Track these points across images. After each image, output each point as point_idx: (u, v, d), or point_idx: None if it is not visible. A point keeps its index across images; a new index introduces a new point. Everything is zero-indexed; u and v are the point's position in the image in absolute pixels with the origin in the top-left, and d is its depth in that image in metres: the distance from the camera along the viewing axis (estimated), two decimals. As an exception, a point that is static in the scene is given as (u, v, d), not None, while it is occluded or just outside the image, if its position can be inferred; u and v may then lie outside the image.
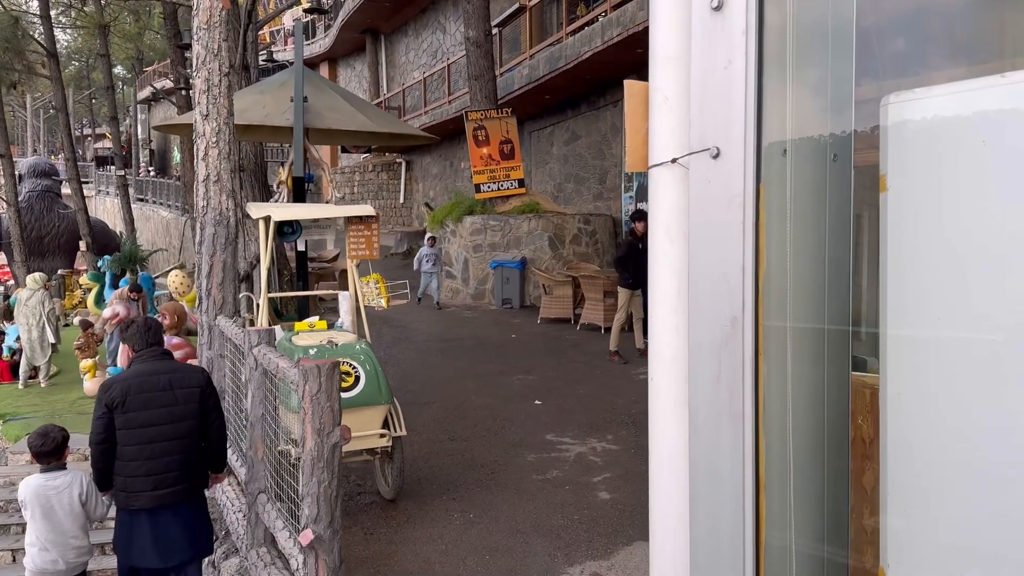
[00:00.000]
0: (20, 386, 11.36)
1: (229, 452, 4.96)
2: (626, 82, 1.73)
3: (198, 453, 4.04)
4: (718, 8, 1.46)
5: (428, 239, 13.26)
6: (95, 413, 4.00)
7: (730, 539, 1.52)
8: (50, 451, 4.18)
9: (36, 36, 18.69)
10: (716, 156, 1.47)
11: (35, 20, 20.34)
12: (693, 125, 1.51)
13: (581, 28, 12.94)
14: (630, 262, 8.65)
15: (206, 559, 4.24)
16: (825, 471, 1.67)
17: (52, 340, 11.32)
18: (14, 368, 11.82)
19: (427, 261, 12.95)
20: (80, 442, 5.70)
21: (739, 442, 1.47)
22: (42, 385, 11.22)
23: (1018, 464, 1.27)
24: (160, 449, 3.91)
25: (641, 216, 9.09)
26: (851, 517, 1.72)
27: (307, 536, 3.10)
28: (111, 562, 5.12)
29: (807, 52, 1.54)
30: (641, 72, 1.74)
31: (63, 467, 4.22)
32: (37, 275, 12.10)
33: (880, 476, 1.51)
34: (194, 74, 5.25)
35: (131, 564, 4.02)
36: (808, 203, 1.55)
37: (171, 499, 3.92)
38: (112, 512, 4.21)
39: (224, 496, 4.99)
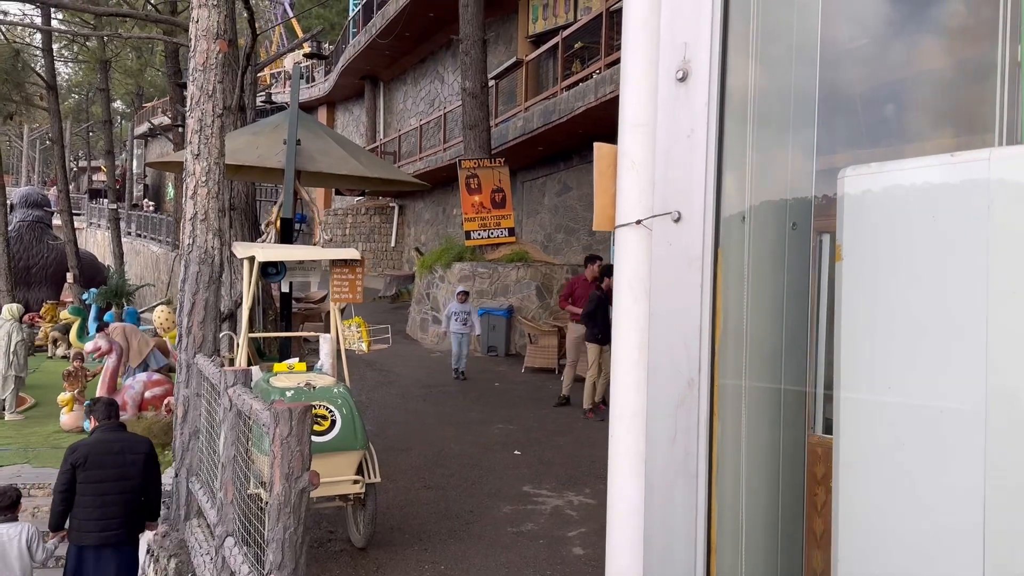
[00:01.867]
0: (-6, 417, 11.21)
1: (200, 493, 4.90)
2: (596, 144, 1.79)
3: (137, 505, 5.24)
4: (683, 79, 1.52)
5: (459, 293, 10.99)
6: (62, 467, 5.16)
7: (682, 599, 1.52)
8: (5, 506, 5.44)
9: (37, 68, 18.90)
10: (677, 220, 1.52)
11: (37, 53, 20.59)
12: (656, 189, 1.56)
13: (575, 84, 13.20)
14: (598, 316, 8.62)
15: None
16: (779, 533, 1.68)
17: (16, 373, 11.20)
18: (-10, 399, 11.68)
19: (456, 320, 10.67)
20: (50, 476, 5.77)
21: (692, 503, 1.49)
22: (5, 418, 11.05)
23: (965, 526, 1.29)
24: (109, 500, 5.10)
25: (608, 272, 9.14)
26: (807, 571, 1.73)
27: (270, 582, 3.06)
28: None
29: (768, 123, 1.60)
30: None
31: (15, 519, 5.48)
32: (13, 306, 12.03)
33: (832, 538, 1.52)
34: (188, 114, 5.33)
35: None
36: (766, 268, 1.59)
37: (114, 539, 5.11)
38: (49, 556, 5.47)
39: (193, 538, 4.92)
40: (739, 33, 1.56)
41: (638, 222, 1.63)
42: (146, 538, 5.58)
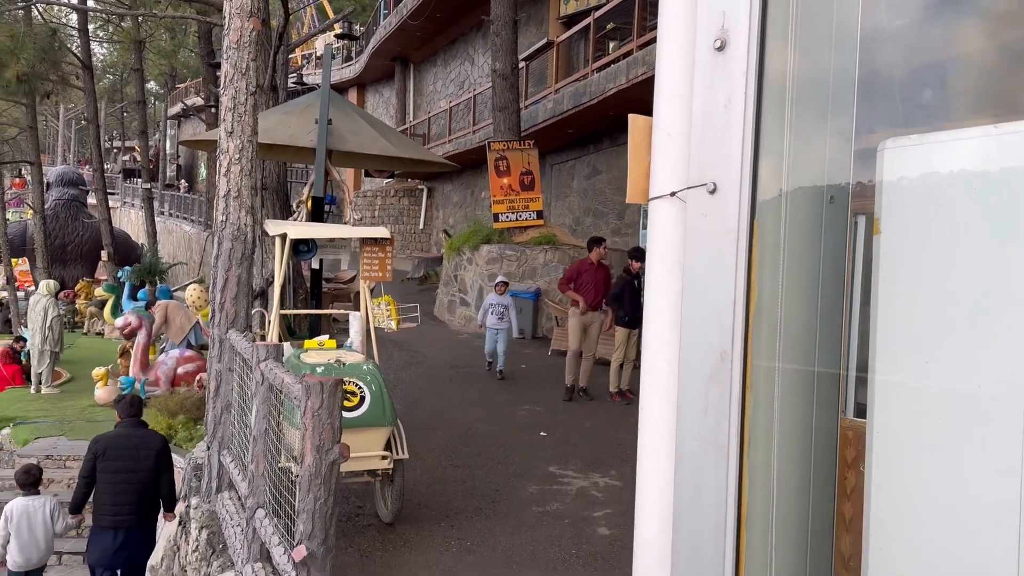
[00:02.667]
0: (32, 391, 11.48)
1: (232, 466, 4.98)
2: (631, 116, 1.77)
3: (149, 496, 5.93)
4: (720, 48, 1.50)
5: (498, 284, 9.92)
6: (86, 457, 5.94)
7: (711, 570, 1.52)
8: (31, 483, 6.44)
9: (73, 48, 19.13)
10: (713, 191, 1.50)
11: (73, 33, 20.83)
12: (692, 160, 1.54)
13: (607, 65, 13.09)
14: (625, 300, 8.60)
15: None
16: (810, 514, 1.67)
17: (52, 348, 11.43)
18: (29, 372, 11.96)
19: (492, 314, 9.67)
20: (85, 449, 6.16)
21: (723, 475, 1.48)
22: (42, 392, 11.30)
23: (1002, 515, 1.27)
24: (121, 489, 5.80)
25: (640, 255, 9.06)
26: (837, 558, 1.71)
27: (300, 552, 3.11)
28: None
29: (807, 94, 1.58)
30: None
31: (38, 493, 6.47)
32: (49, 282, 12.27)
33: (864, 523, 1.51)
34: (222, 92, 5.37)
35: (91, 563, 5.91)
36: (802, 241, 1.57)
37: (125, 524, 5.81)
38: (68, 528, 6.51)
39: (224, 510, 5.01)
40: (779, 1, 1.54)
41: (672, 194, 1.61)
42: (163, 526, 6.30)
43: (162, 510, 6.22)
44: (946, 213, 1.39)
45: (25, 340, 14.68)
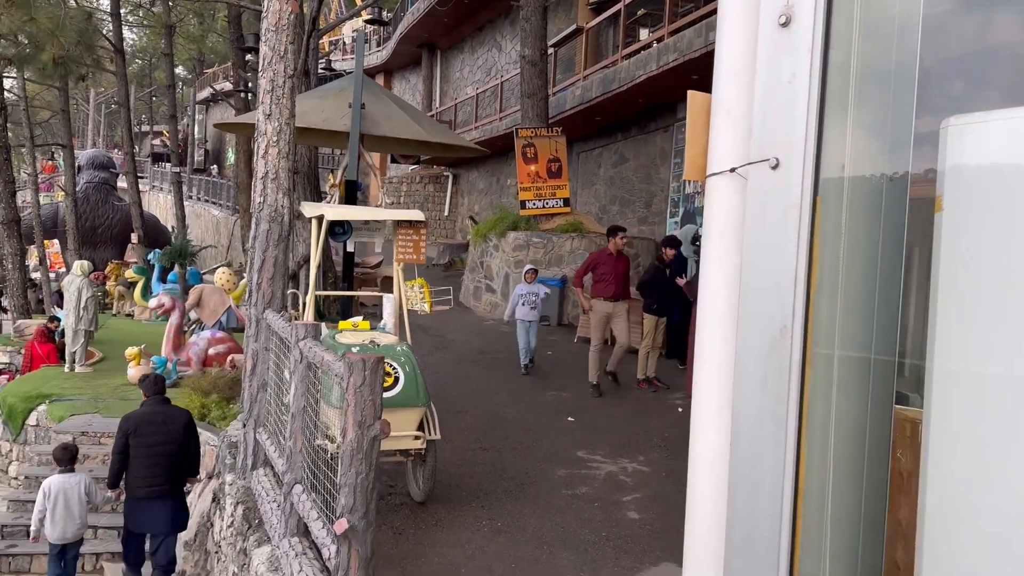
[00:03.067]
0: (66, 369, 11.67)
1: (268, 443, 5.06)
2: (689, 93, 1.78)
3: (179, 465, 6.27)
4: (785, 24, 1.51)
5: (528, 272, 9.24)
6: (117, 435, 6.29)
7: (767, 543, 1.54)
8: (68, 459, 6.76)
9: (105, 33, 19.32)
10: (775, 167, 1.51)
11: (105, 17, 21.04)
12: (754, 136, 1.55)
13: (637, 52, 13.02)
14: (656, 288, 8.59)
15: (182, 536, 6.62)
16: (864, 491, 1.68)
17: (86, 327, 11.61)
18: (62, 351, 12.16)
19: (524, 304, 8.97)
20: (115, 426, 6.47)
21: (781, 448, 1.50)
22: (76, 370, 11.48)
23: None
24: (153, 461, 6.13)
25: (672, 243, 9.00)
26: (886, 546, 1.72)
27: (342, 525, 3.16)
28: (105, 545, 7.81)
29: (870, 71, 1.58)
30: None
31: (73, 470, 6.79)
32: (83, 263, 12.44)
33: (918, 513, 1.50)
34: (260, 75, 5.42)
35: (129, 529, 6.40)
36: (863, 218, 1.58)
37: (159, 493, 6.16)
38: (105, 500, 7.08)
39: (259, 486, 5.09)
40: (845, -22, 1.54)
41: (732, 170, 1.62)
42: (189, 489, 6.87)
43: (189, 477, 6.72)
44: (1009, 191, 1.39)
45: (59, 320, 14.94)
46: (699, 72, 10.63)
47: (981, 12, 1.74)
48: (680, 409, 7.74)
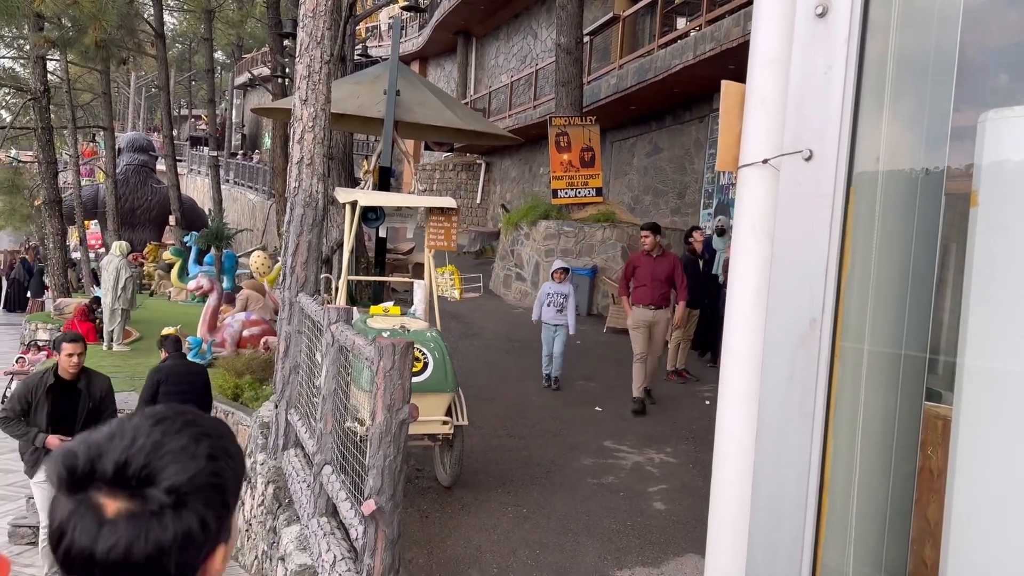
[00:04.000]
0: (104, 347, 11.92)
1: (299, 424, 5.13)
2: (723, 83, 1.77)
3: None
4: (822, 15, 1.49)
5: (556, 270, 8.11)
6: (148, 383, 6.92)
7: (791, 538, 1.54)
8: None
9: (146, 17, 19.60)
10: (809, 158, 1.50)
11: (146, 1, 21.33)
12: (788, 127, 1.54)
13: (673, 41, 12.90)
14: (688, 277, 8.52)
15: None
16: (890, 488, 1.67)
17: (124, 307, 11.84)
18: (101, 330, 12.42)
19: (551, 305, 8.04)
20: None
21: (807, 441, 1.50)
22: (113, 349, 11.72)
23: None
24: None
25: (695, 228, 8.96)
26: (913, 540, 1.71)
27: (369, 506, 3.21)
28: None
29: (908, 63, 1.56)
30: (732, 86, 1.78)
31: None
32: (122, 244, 12.68)
33: (945, 513, 1.50)
34: (297, 60, 5.47)
35: None
36: (897, 212, 1.56)
37: None
38: None
39: (290, 466, 5.18)
40: (883, -31, 1.52)
41: (764, 161, 1.62)
42: None
43: None
44: (1049, 187, 1.37)
45: (98, 301, 15.27)
46: (736, 62, 10.51)
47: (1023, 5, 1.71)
48: (708, 402, 7.70)
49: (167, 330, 8.19)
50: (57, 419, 5.50)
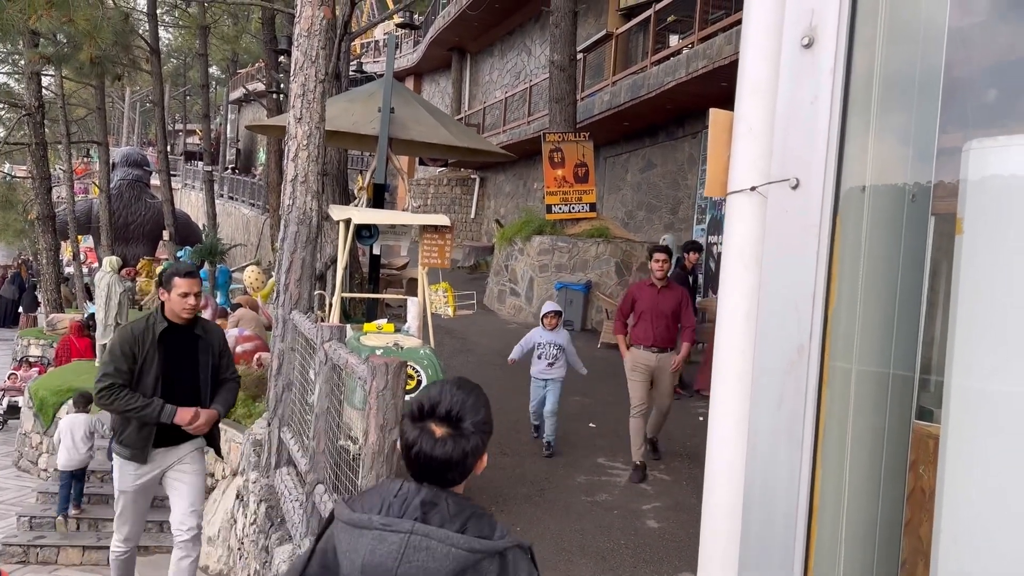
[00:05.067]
0: (97, 363, 11.88)
1: (292, 443, 5.12)
2: (711, 110, 1.80)
3: None
4: (808, 46, 1.52)
5: (547, 314, 6.69)
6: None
7: (780, 559, 1.55)
8: (83, 403, 8.41)
9: (141, 33, 19.65)
10: (795, 186, 1.52)
11: (142, 17, 21.39)
12: (775, 155, 1.56)
13: (666, 58, 13.00)
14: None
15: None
16: (879, 512, 1.68)
17: (118, 321, 11.81)
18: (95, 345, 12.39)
19: (540, 357, 6.66)
20: None
21: (796, 466, 1.51)
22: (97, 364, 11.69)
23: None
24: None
25: (694, 247, 8.93)
26: (901, 563, 1.73)
27: (362, 527, 3.20)
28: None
29: (893, 93, 1.59)
30: (723, 105, 1.81)
31: (87, 411, 8.34)
32: (113, 259, 12.66)
33: (934, 530, 1.51)
34: (291, 79, 5.50)
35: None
36: (883, 240, 1.58)
37: None
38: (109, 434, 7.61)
39: (282, 485, 5.16)
40: (868, 1, 1.55)
41: (752, 188, 1.64)
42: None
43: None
44: (1030, 215, 1.39)
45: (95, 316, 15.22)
46: (728, 79, 10.60)
47: (1006, 36, 1.74)
48: (701, 418, 7.71)
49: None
50: (169, 376, 4.21)
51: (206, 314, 10.43)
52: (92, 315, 13.82)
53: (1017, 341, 1.41)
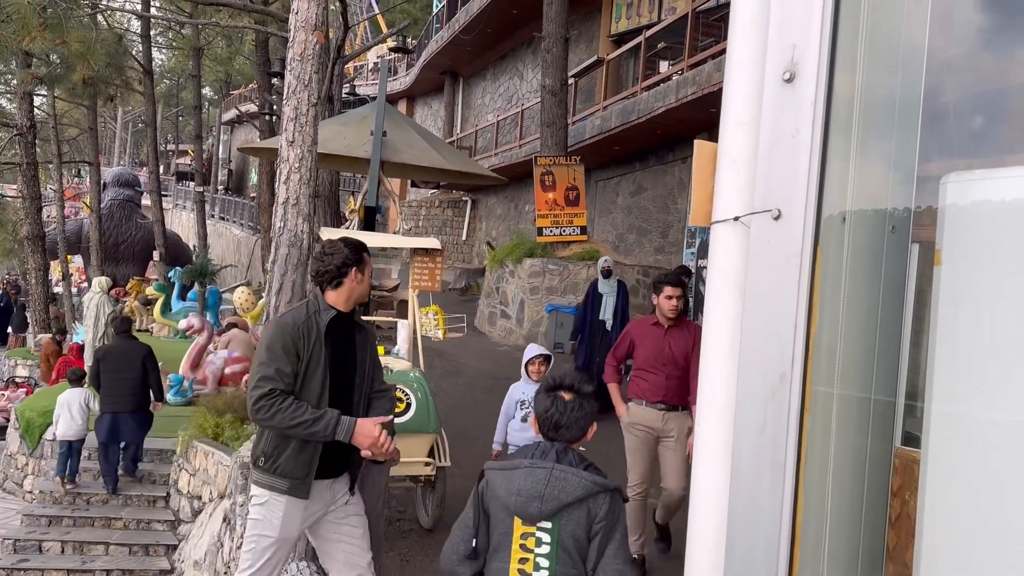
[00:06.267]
0: (86, 383, 11.79)
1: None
2: (696, 142, 1.84)
3: (139, 389, 8.22)
4: (789, 80, 1.56)
5: (532, 359, 5.47)
6: (91, 363, 8.82)
7: (763, 584, 1.56)
8: (76, 379, 8.88)
9: (134, 54, 19.73)
10: (777, 218, 1.56)
11: (135, 39, 21.49)
12: (757, 187, 1.60)
13: (656, 84, 13.14)
14: None
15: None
16: (862, 536, 1.71)
17: (103, 342, 11.77)
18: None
19: (524, 420, 5.43)
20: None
21: (779, 491, 1.53)
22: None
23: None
24: (117, 383, 8.15)
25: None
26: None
27: (349, 551, 3.19)
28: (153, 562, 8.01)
29: (873, 126, 1.63)
30: (712, 131, 1.85)
31: (81, 386, 8.77)
32: (102, 280, 12.63)
33: (915, 553, 1.53)
34: (284, 102, 5.54)
35: (101, 441, 8.26)
36: (864, 270, 1.62)
37: (122, 409, 8.11)
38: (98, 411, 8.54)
39: (270, 508, 5.13)
40: (848, 37, 1.59)
41: (736, 219, 1.67)
42: (153, 411, 8.66)
43: (153, 400, 8.55)
44: (1008, 248, 1.42)
45: (66, 334, 15.16)
46: (717, 105, 10.63)
47: (983, 72, 1.79)
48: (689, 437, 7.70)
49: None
50: (335, 380, 3.23)
51: (201, 338, 10.41)
52: (61, 330, 13.88)
53: (993, 369, 1.44)
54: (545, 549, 2.34)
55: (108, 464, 8.38)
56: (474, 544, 2.42)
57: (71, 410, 8.59)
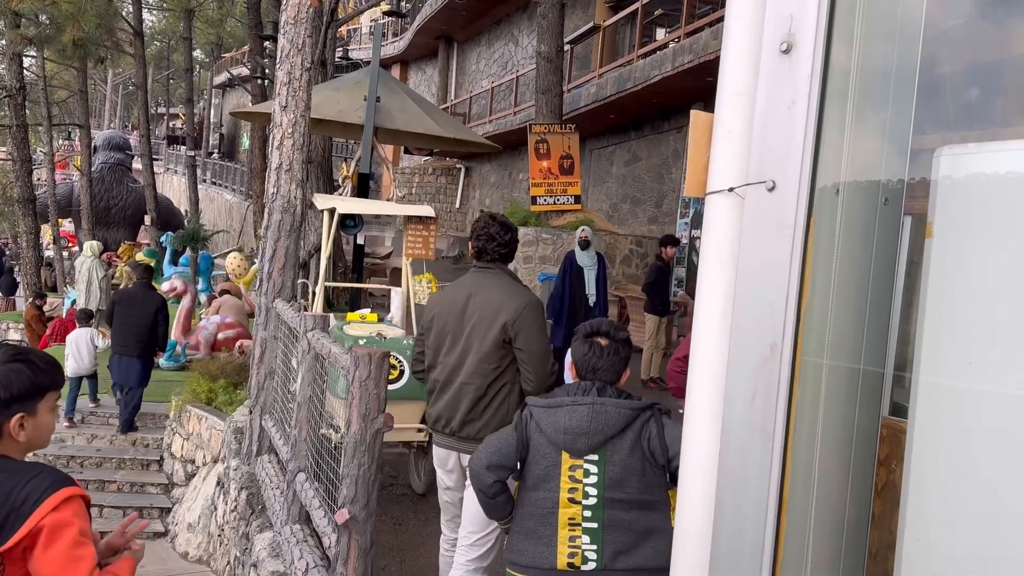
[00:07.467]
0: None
1: (273, 431, 5.14)
2: (692, 112, 1.83)
3: (147, 337, 8.49)
4: (786, 51, 1.55)
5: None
6: (109, 305, 9.21)
7: (751, 552, 1.60)
8: (85, 319, 9.31)
9: (125, 15, 19.43)
10: (772, 189, 1.56)
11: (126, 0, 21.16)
12: (752, 158, 1.60)
13: (653, 52, 13.03)
14: (660, 287, 8.62)
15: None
16: (848, 504, 1.74)
17: (99, 306, 11.73)
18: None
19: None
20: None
21: (767, 460, 1.56)
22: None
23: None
24: (127, 328, 8.41)
25: (671, 241, 8.94)
26: (869, 555, 1.78)
27: (343, 515, 3.23)
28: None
29: (868, 99, 1.63)
30: (708, 100, 1.85)
31: (89, 326, 9.20)
32: (93, 243, 12.57)
33: (899, 520, 1.56)
34: (277, 66, 5.48)
35: (113, 380, 8.66)
36: (856, 241, 1.63)
37: (127, 352, 8.43)
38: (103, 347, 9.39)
39: (263, 472, 5.17)
40: (845, 8, 1.59)
41: (730, 189, 1.68)
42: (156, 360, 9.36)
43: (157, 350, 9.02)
44: (999, 221, 1.43)
45: (45, 298, 15.13)
46: (713, 74, 10.56)
47: (979, 45, 1.79)
48: (682, 411, 7.77)
49: (140, 257, 8.79)
50: None
51: (185, 301, 10.39)
52: (40, 295, 13.88)
53: (981, 341, 1.45)
54: (593, 479, 2.50)
55: (121, 405, 8.82)
56: (517, 466, 2.62)
57: (79, 347, 8.92)
